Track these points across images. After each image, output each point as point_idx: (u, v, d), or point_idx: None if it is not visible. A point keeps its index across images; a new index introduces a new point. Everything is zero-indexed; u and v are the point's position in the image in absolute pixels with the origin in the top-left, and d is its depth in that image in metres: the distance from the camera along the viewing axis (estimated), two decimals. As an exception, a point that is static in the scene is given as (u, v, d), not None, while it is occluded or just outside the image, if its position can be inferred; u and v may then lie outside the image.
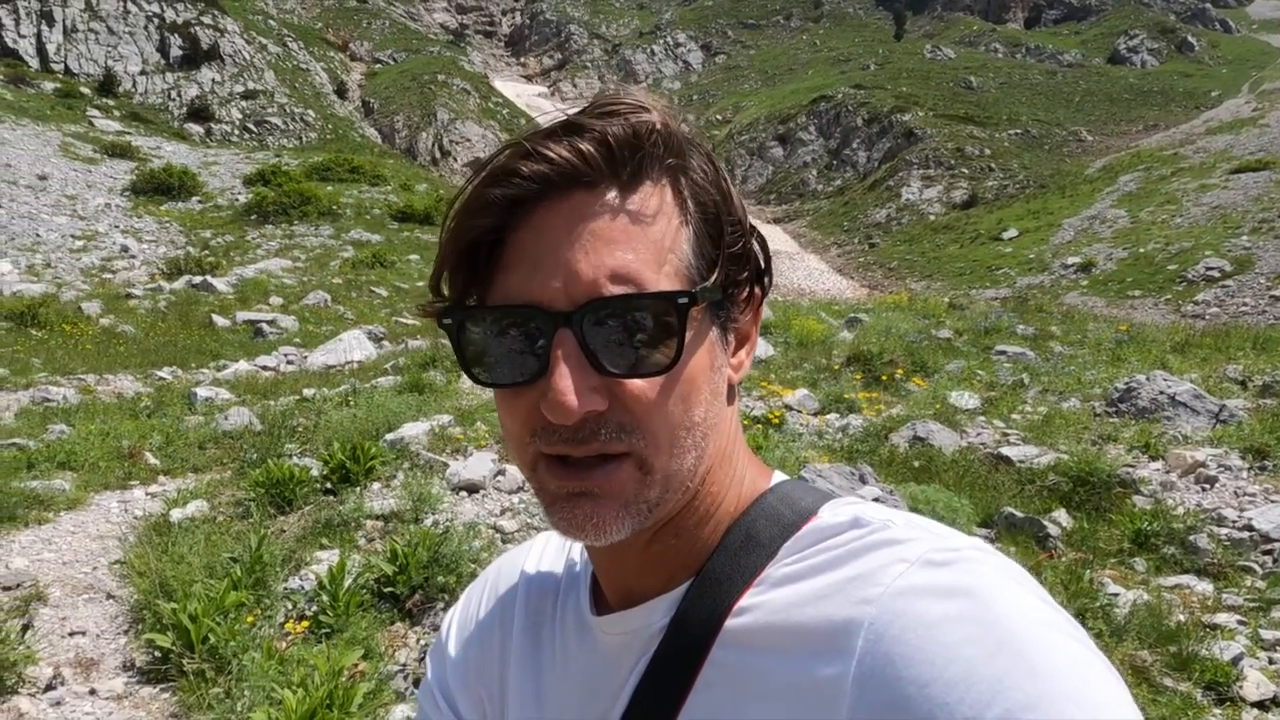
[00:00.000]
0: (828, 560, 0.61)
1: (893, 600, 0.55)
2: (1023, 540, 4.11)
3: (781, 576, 0.63)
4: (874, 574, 0.57)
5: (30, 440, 7.29)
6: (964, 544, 0.59)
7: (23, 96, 40.53)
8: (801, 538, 0.65)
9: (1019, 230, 37.70)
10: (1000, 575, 0.56)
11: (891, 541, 0.59)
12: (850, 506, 0.66)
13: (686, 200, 0.65)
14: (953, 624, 0.53)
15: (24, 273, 22.03)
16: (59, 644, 3.80)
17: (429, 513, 4.71)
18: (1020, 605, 0.54)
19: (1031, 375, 7.66)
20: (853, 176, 53.88)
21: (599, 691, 0.71)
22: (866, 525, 0.62)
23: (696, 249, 0.64)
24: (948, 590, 0.55)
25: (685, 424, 0.63)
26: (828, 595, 0.59)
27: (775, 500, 0.69)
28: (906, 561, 0.57)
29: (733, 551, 0.67)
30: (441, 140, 55.39)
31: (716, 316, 0.66)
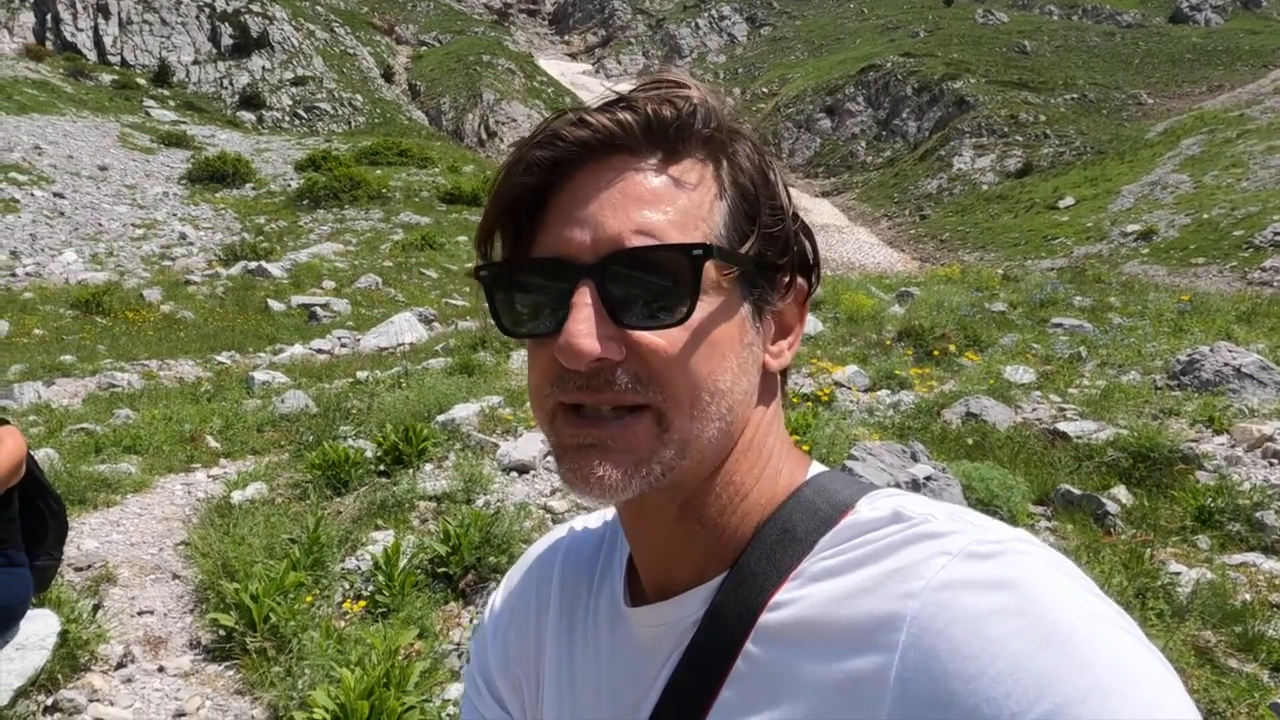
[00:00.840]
0: (867, 554, 0.60)
1: (936, 593, 0.54)
2: (1080, 518, 4.02)
3: (819, 571, 0.62)
4: (916, 567, 0.56)
5: (98, 425, 7.53)
6: (1008, 536, 0.57)
7: (82, 89, 41.56)
8: (839, 531, 0.64)
9: (1076, 198, 36.74)
10: (1047, 567, 0.55)
11: (934, 534, 0.58)
12: (890, 499, 0.65)
13: (723, 176, 0.66)
14: (998, 617, 0.52)
15: (88, 261, 22.70)
16: (128, 623, 3.93)
17: (480, 493, 4.76)
18: (1068, 597, 0.53)
19: (1089, 348, 7.48)
20: (903, 147, 52.92)
21: (632, 683, 0.71)
22: (908, 519, 0.61)
23: (730, 222, 0.65)
24: (993, 583, 0.53)
25: (708, 388, 0.63)
26: (868, 589, 0.57)
27: (811, 493, 0.68)
28: (949, 554, 0.56)
29: (768, 545, 0.66)
30: (488, 121, 55.59)
31: (750, 293, 0.66)
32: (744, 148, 0.67)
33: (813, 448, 4.49)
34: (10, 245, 22.90)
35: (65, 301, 16.38)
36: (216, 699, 3.34)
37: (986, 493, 4.04)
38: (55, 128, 34.25)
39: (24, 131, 32.44)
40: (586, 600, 0.80)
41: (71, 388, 9.96)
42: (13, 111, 34.20)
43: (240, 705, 3.29)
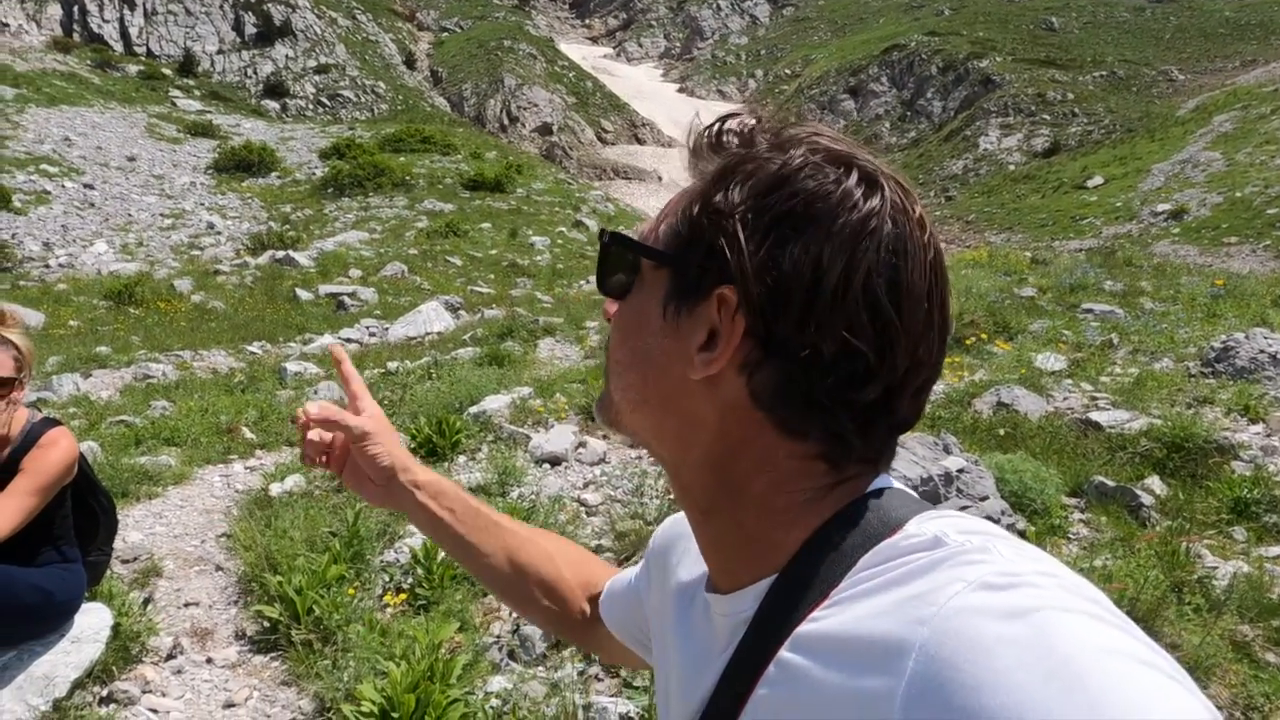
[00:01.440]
0: (897, 577, 0.60)
1: (946, 621, 0.53)
2: (1114, 511, 4.02)
3: (856, 589, 0.62)
4: (931, 593, 0.56)
5: (136, 417, 7.67)
6: (1031, 569, 0.56)
7: (109, 80, 41.97)
8: (880, 551, 0.64)
9: (1105, 177, 36.24)
10: (1065, 598, 0.53)
11: (958, 561, 0.58)
12: (937, 522, 0.65)
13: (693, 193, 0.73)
14: (1006, 647, 0.50)
15: (119, 252, 23.02)
16: (176, 615, 4.03)
17: (514, 485, 4.82)
18: (1084, 630, 0.51)
19: (1121, 334, 7.42)
20: (927, 128, 52.37)
21: (704, 661, 0.77)
22: (945, 544, 0.60)
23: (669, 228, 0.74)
24: (1004, 612, 0.52)
25: (614, 355, 0.78)
26: (888, 612, 0.58)
27: (866, 509, 0.69)
28: (965, 582, 0.55)
29: (814, 557, 0.67)
30: (509, 106, 55.56)
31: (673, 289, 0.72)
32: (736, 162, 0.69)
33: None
34: (43, 236, 23.27)
35: (98, 292, 16.63)
36: (264, 690, 3.43)
37: (1019, 485, 4.05)
38: (84, 119, 34.65)
39: (54, 123, 32.86)
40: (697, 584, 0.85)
41: (108, 379, 10.13)
42: (43, 104, 34.61)
43: (287, 696, 3.37)
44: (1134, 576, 3.14)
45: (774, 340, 0.65)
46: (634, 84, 72.33)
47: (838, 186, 0.65)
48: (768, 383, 0.67)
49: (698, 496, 0.75)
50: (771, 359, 0.66)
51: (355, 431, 1.05)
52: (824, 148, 0.67)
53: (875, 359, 0.64)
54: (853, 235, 0.64)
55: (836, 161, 0.66)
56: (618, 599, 1.08)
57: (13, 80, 35.99)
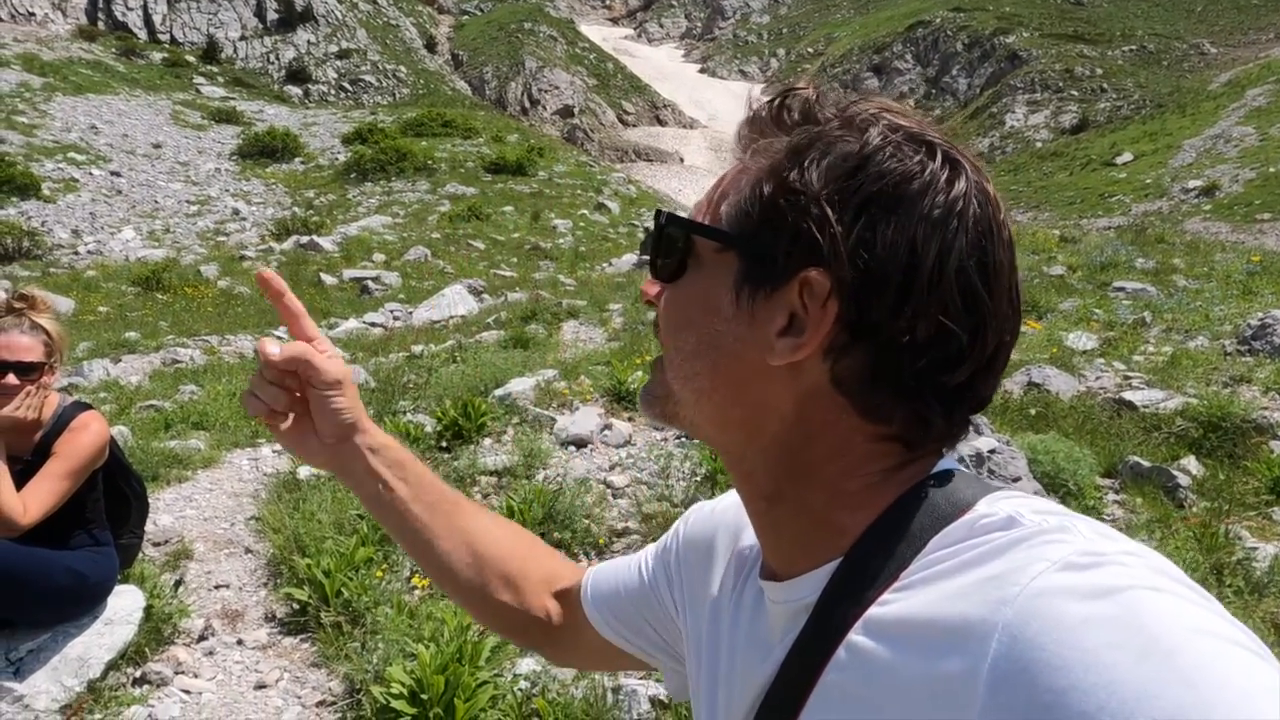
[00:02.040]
0: (974, 558, 0.58)
1: (1030, 601, 0.52)
2: (1150, 492, 3.95)
3: (928, 571, 0.61)
4: (1013, 574, 0.54)
5: (165, 401, 7.74)
6: (1114, 548, 0.55)
7: (134, 68, 42.27)
8: (951, 532, 0.63)
9: (1134, 154, 35.69)
10: (1151, 577, 0.52)
11: (1038, 541, 0.56)
12: (1009, 501, 0.63)
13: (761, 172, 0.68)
14: (1094, 626, 0.49)
15: (146, 239, 23.25)
16: (206, 597, 4.06)
17: (540, 468, 4.82)
18: (1174, 608, 0.49)
19: (1154, 313, 7.30)
20: (953, 105, 51.74)
21: (759, 651, 0.75)
22: (1021, 524, 0.59)
23: (735, 209, 0.69)
24: (1090, 592, 0.51)
25: (676, 345, 0.73)
26: (966, 593, 0.56)
27: (932, 489, 0.67)
28: (1048, 561, 0.54)
29: (881, 539, 0.66)
30: (530, 89, 55.44)
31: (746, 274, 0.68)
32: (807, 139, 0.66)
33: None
34: (72, 224, 23.53)
35: (126, 279, 16.80)
36: (294, 671, 3.45)
37: (1053, 466, 3.99)
38: (110, 107, 34.94)
39: (80, 112, 33.15)
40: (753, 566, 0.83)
41: (137, 364, 10.23)
42: (69, 92, 34.92)
43: (318, 677, 3.39)
44: (1173, 559, 3.08)
45: (864, 325, 0.64)
46: (655, 65, 71.98)
47: (923, 168, 0.63)
48: (854, 367, 0.65)
49: (762, 483, 0.73)
50: (859, 343, 0.64)
51: (328, 378, 0.90)
52: (901, 126, 0.65)
53: (969, 340, 0.64)
54: (944, 217, 0.63)
55: (916, 141, 0.65)
56: (612, 596, 1.00)
57: (40, 69, 36.33)
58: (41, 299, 3.05)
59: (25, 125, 29.84)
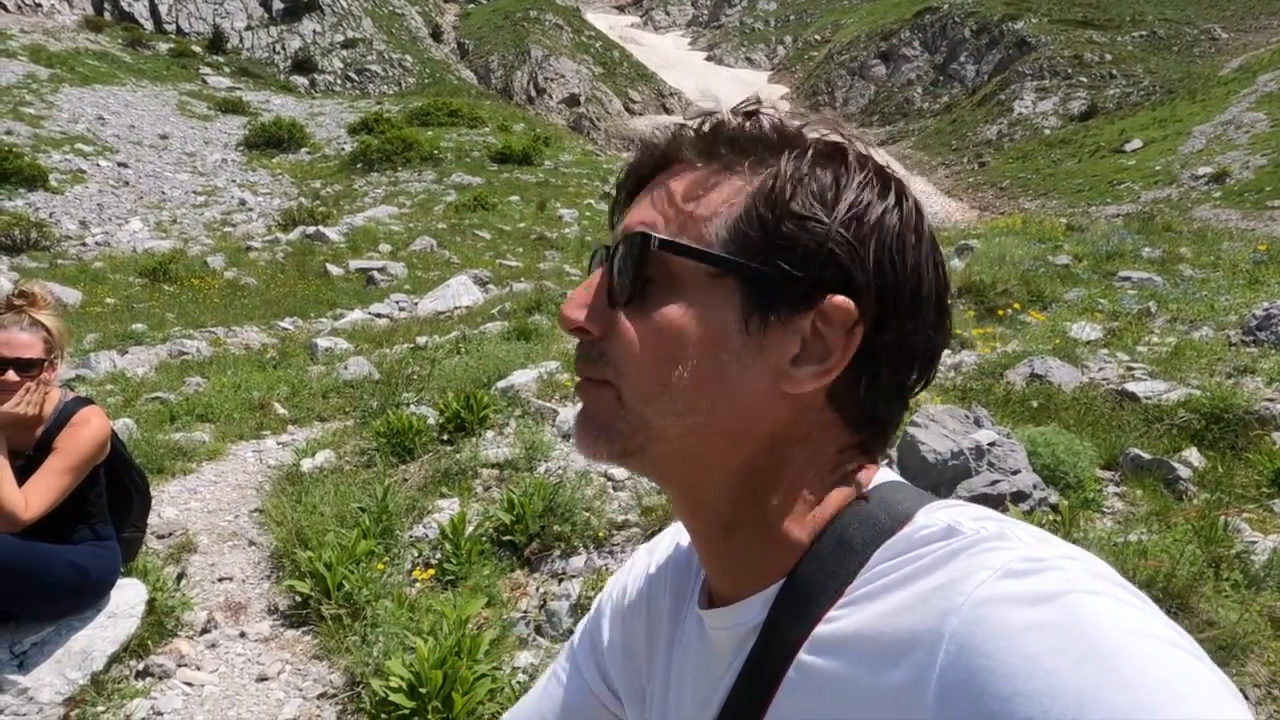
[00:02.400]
0: (917, 569, 0.59)
1: (974, 610, 0.53)
2: (1150, 484, 3.94)
3: (872, 584, 0.62)
4: (956, 583, 0.55)
5: (170, 394, 7.79)
6: (1053, 553, 0.56)
7: (141, 59, 42.28)
8: (893, 544, 0.63)
9: (1143, 141, 35.45)
10: (1090, 580, 0.53)
11: (979, 550, 0.57)
12: (947, 511, 0.64)
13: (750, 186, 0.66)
14: (1035, 632, 0.50)
15: (153, 230, 23.31)
16: (210, 589, 4.10)
17: (542, 460, 4.83)
18: (1112, 612, 0.50)
19: (1159, 302, 7.26)
20: (960, 92, 51.44)
21: (706, 682, 0.74)
22: (960, 533, 0.60)
23: (732, 229, 0.65)
24: (1031, 598, 0.52)
25: (661, 378, 0.66)
26: (912, 605, 0.57)
27: (871, 503, 0.68)
28: (990, 569, 0.55)
29: (824, 556, 0.66)
30: (536, 78, 55.29)
31: (754, 300, 0.65)
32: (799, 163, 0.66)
33: (873, 413, 4.45)
34: (80, 215, 23.60)
35: (134, 270, 16.86)
36: (296, 664, 3.47)
37: (1052, 458, 3.98)
38: (117, 98, 34.98)
39: (87, 103, 33.20)
40: (689, 603, 0.83)
41: (144, 356, 10.29)
42: (76, 83, 34.97)
43: (319, 670, 3.42)
44: (1170, 551, 3.08)
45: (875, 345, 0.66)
46: (661, 53, 71.69)
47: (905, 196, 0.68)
48: (850, 382, 0.67)
49: (721, 512, 0.71)
50: (857, 359, 0.66)
51: None
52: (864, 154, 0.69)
53: (941, 346, 0.69)
54: (931, 241, 0.68)
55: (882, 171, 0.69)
56: None
57: (47, 60, 36.38)
58: (42, 295, 3.06)
59: (32, 116, 29.91)
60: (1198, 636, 2.30)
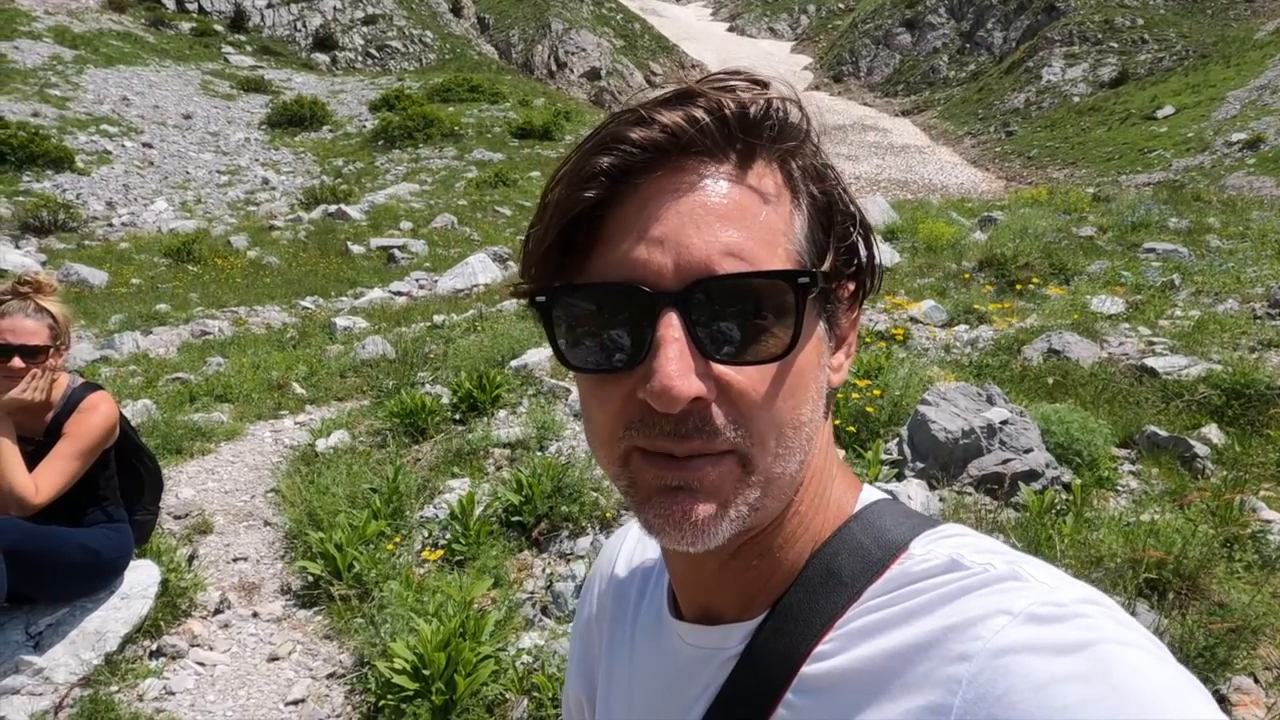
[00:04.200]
0: (919, 606, 0.56)
1: (994, 658, 0.50)
2: (1166, 462, 3.87)
3: (867, 621, 0.58)
4: (972, 626, 0.52)
5: (191, 374, 7.87)
6: (1074, 597, 0.53)
7: (163, 38, 42.43)
8: (891, 579, 0.60)
9: (1175, 107, 34.71)
10: (1118, 631, 0.51)
11: (992, 589, 0.54)
12: (946, 541, 0.61)
13: (799, 184, 0.62)
14: (1067, 685, 0.48)
15: (178, 210, 23.48)
16: (224, 569, 4.15)
17: (552, 440, 4.83)
18: (1142, 664, 0.49)
19: (1184, 275, 7.13)
20: (987, 60, 50.56)
21: (671, 697, 0.71)
22: (965, 568, 0.57)
23: (809, 235, 0.61)
24: (1059, 648, 0.49)
25: (793, 422, 0.59)
26: (920, 646, 0.54)
27: (860, 530, 0.64)
28: (1009, 614, 0.52)
29: (812, 587, 0.63)
30: (557, 52, 54.95)
31: (824, 310, 0.63)
32: (813, 153, 0.63)
33: (885, 391, 4.41)
34: (106, 196, 23.80)
35: (158, 250, 17.01)
36: (307, 644, 3.52)
37: (1066, 436, 3.92)
38: (140, 78, 35.14)
39: (112, 84, 33.38)
40: (636, 605, 0.81)
41: (167, 336, 10.40)
42: (101, 64, 35.16)
43: (329, 650, 3.45)
44: (1182, 532, 3.03)
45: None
46: (683, 25, 70.98)
47: None
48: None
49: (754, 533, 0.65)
50: None
51: None
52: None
53: None
54: None
55: None
56: None
57: (71, 42, 36.58)
58: (47, 282, 3.08)
59: (58, 98, 30.13)
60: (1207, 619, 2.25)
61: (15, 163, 22.99)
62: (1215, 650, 2.51)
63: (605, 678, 0.83)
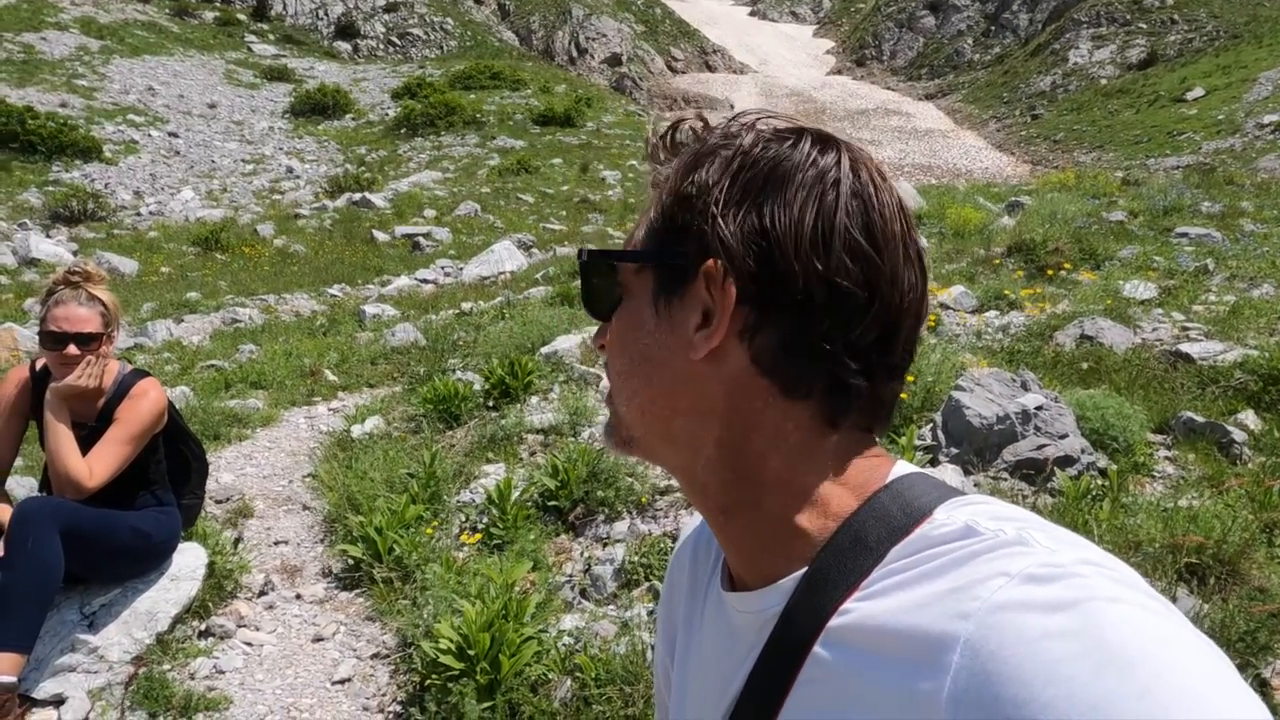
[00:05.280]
0: (933, 569, 0.59)
1: (990, 615, 0.53)
2: (1203, 448, 3.86)
3: (887, 582, 0.62)
4: (973, 587, 0.55)
5: (225, 361, 7.98)
6: (1075, 558, 0.55)
7: (187, 28, 42.70)
8: (911, 542, 0.63)
9: (1206, 89, 34.14)
10: (1111, 587, 0.52)
11: (996, 553, 0.57)
12: (966, 509, 0.64)
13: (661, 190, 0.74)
14: (1053, 640, 0.50)
15: (204, 198, 23.69)
16: (266, 553, 4.23)
17: (585, 425, 4.88)
18: (1131, 620, 0.50)
19: (1217, 260, 7.06)
20: (1013, 42, 49.93)
21: (726, 663, 0.76)
22: (978, 534, 0.59)
23: (648, 230, 0.75)
24: (1050, 605, 0.51)
25: (615, 369, 0.77)
26: (926, 606, 0.57)
27: (889, 499, 0.68)
28: (1007, 575, 0.54)
29: (840, 551, 0.66)
30: (577, 38, 54.77)
31: (662, 285, 0.72)
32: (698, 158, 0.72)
33: (918, 377, 4.41)
34: (134, 185, 24.06)
35: (187, 239, 17.20)
36: (350, 625, 3.59)
37: (1101, 422, 3.92)
38: (165, 68, 35.41)
39: (137, 74, 33.66)
40: (708, 583, 0.85)
41: (199, 324, 10.53)
42: (126, 55, 35.45)
43: (371, 631, 3.52)
44: (1221, 517, 3.03)
45: (766, 300, 0.67)
46: (704, 9, 70.46)
47: (794, 149, 0.69)
48: (768, 343, 0.68)
49: (716, 495, 0.73)
50: (767, 319, 0.67)
51: None
52: (773, 125, 0.72)
53: (865, 296, 0.66)
54: (817, 185, 0.67)
55: (788, 132, 0.71)
56: None
57: (97, 32, 36.91)
58: (96, 271, 3.15)
59: (85, 89, 30.43)
60: (1248, 604, 2.25)
61: (45, 153, 23.28)
62: (1256, 634, 2.52)
63: (681, 652, 0.88)
